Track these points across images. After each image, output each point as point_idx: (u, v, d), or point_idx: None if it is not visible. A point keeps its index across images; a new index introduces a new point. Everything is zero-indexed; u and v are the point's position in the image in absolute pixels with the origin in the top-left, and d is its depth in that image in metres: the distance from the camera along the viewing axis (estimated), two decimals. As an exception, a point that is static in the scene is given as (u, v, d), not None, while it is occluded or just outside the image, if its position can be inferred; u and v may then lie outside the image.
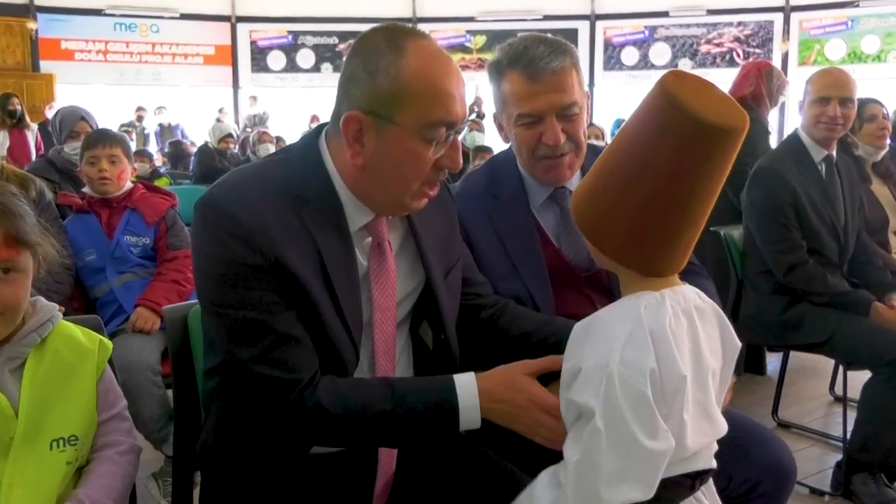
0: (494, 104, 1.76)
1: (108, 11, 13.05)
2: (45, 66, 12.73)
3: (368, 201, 1.32)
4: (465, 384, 1.24)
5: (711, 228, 3.68)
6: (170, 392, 2.31)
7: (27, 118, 7.97)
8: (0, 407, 1.25)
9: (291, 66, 14.27)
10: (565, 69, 1.61)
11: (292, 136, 8.34)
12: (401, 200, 1.30)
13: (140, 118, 11.84)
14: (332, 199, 1.30)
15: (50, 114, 7.66)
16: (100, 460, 1.36)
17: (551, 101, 1.60)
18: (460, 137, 1.33)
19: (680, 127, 1.00)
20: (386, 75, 1.22)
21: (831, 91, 2.73)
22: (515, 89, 1.63)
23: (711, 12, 13.23)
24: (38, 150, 7.77)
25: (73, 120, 3.55)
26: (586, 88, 1.74)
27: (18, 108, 8.02)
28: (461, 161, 1.30)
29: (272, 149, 7.70)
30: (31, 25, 12.55)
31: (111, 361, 1.44)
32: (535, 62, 1.60)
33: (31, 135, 7.75)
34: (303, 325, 1.25)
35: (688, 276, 1.76)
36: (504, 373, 1.28)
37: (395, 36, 1.25)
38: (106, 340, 1.42)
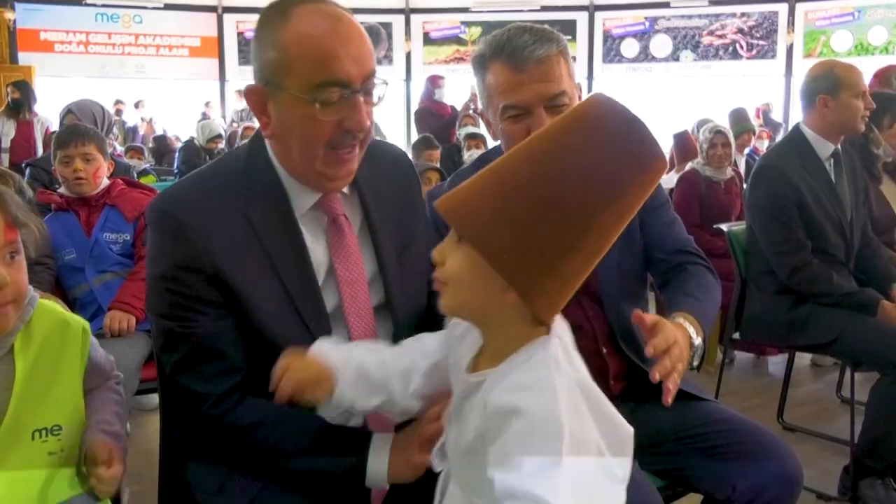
0: (480, 99, 1.73)
1: (89, 1, 12.97)
2: (24, 57, 12.63)
3: (296, 176, 1.36)
4: (377, 462, 1.25)
5: (715, 226, 3.69)
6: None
7: (34, 109, 7.90)
8: None
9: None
10: (552, 57, 1.58)
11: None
12: (313, 167, 1.32)
13: (119, 112, 11.77)
14: (277, 187, 1.36)
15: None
16: (101, 389, 1.44)
17: (538, 92, 1.56)
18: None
19: (647, 162, 0.92)
20: (272, 44, 1.28)
21: (863, 85, 2.77)
22: (500, 80, 1.60)
23: (714, 3, 13.23)
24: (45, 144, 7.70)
25: (64, 113, 3.53)
26: (579, 80, 1.72)
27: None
28: (365, 121, 1.30)
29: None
30: (9, 16, 12.47)
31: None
32: (518, 51, 1.57)
33: (39, 127, 7.68)
34: (248, 335, 1.31)
35: (694, 269, 1.76)
36: (408, 454, 1.24)
37: (282, 5, 1.30)
38: (86, 324, 1.43)
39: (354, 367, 1.17)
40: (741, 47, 13.19)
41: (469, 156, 5.46)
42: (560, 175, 0.89)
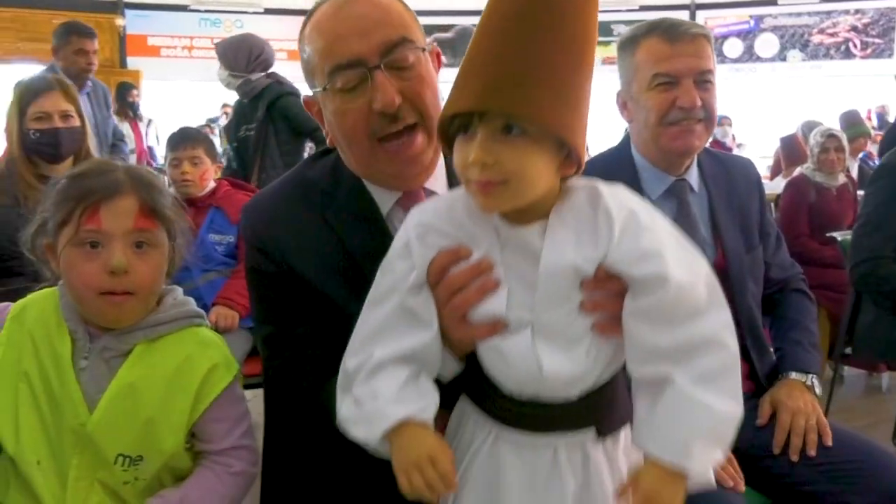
0: (621, 81, 1.79)
1: (193, 7, 13.53)
2: (133, 62, 13.28)
3: (367, 178, 1.32)
4: None
5: (827, 234, 3.55)
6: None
7: (141, 111, 8.32)
8: (69, 392, 1.24)
9: (375, 61, 14.45)
10: (703, 38, 1.68)
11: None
12: (373, 167, 1.27)
13: (226, 115, 12.20)
14: (359, 190, 1.32)
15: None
16: (204, 469, 1.33)
17: (690, 64, 1.66)
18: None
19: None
20: (302, 50, 1.28)
21: None
22: (654, 51, 1.68)
23: (825, 0, 12.72)
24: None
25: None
26: None
27: (137, 100, 8.38)
28: (393, 98, 1.18)
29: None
30: (120, 22, 13.13)
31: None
32: (674, 27, 1.68)
33: (144, 128, 8.07)
34: (331, 331, 1.23)
35: (792, 292, 1.87)
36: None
37: (311, 9, 1.29)
38: (220, 364, 1.34)
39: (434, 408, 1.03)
40: (854, 46, 12.61)
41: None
42: (562, 24, 0.93)
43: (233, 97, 4.17)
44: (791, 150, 5.56)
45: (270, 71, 3.98)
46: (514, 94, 0.91)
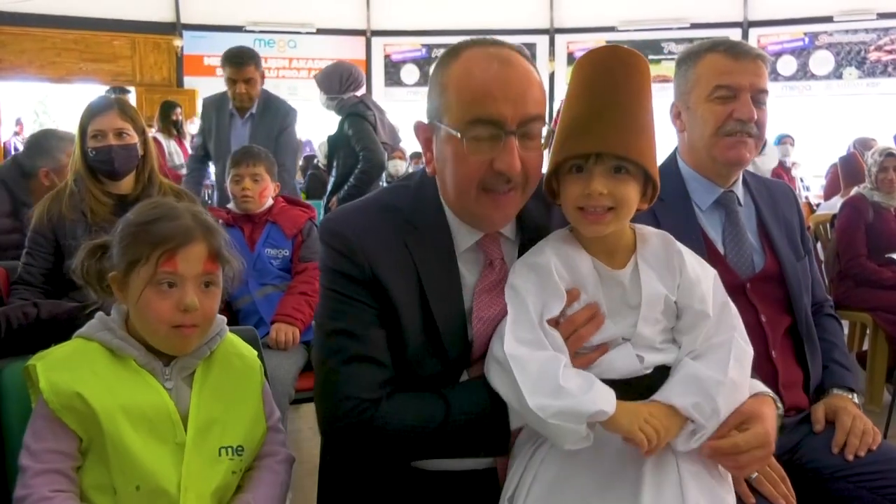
0: (676, 93, 1.86)
1: (248, 28, 13.85)
2: (189, 81, 13.63)
3: (456, 213, 1.42)
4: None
5: (886, 256, 3.49)
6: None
7: (185, 128, 8.56)
8: (168, 412, 1.36)
9: (425, 80, 14.56)
10: (762, 60, 1.76)
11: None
12: (467, 207, 1.37)
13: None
14: (440, 222, 1.42)
15: (192, 128, 8.18)
16: (262, 468, 1.47)
17: (751, 80, 1.75)
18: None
19: None
20: (439, 83, 1.36)
21: None
22: (717, 64, 1.77)
23: (882, 16, 12.46)
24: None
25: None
26: None
27: (180, 118, 8.63)
28: (516, 164, 1.30)
29: (403, 166, 7.97)
30: (178, 43, 13.50)
31: (266, 374, 1.57)
32: (737, 46, 1.78)
33: (190, 144, 8.29)
34: (393, 347, 1.38)
35: (826, 316, 1.92)
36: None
37: (457, 47, 1.37)
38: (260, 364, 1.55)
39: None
40: (913, 63, 12.35)
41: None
42: (640, 84, 1.30)
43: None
44: (851, 170, 5.44)
45: (362, 92, 4.70)
46: (626, 139, 1.26)
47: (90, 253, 1.44)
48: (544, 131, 1.35)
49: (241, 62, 4.33)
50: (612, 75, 1.28)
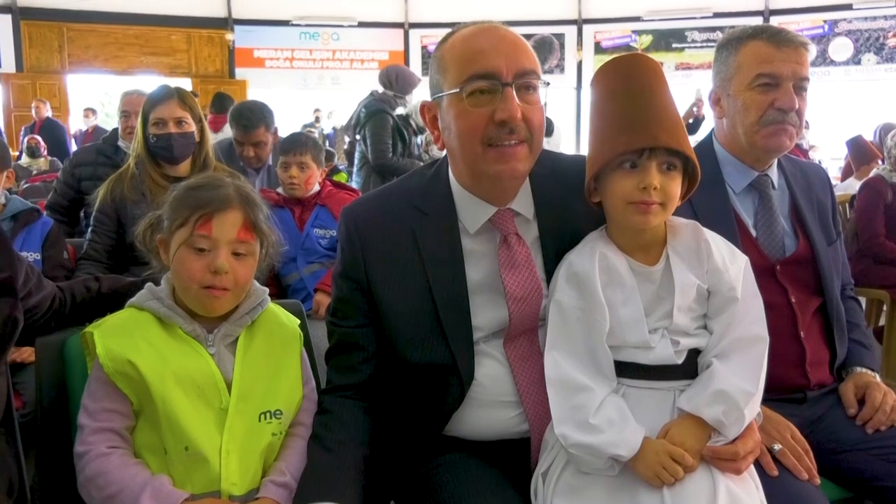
0: (717, 79, 1.78)
1: (294, 22, 13.86)
2: (240, 72, 13.72)
3: (468, 187, 1.39)
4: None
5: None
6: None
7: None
8: (214, 378, 1.35)
9: (459, 70, 14.48)
10: (805, 48, 1.67)
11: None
12: (475, 166, 1.33)
13: (318, 119, 12.50)
14: (449, 206, 1.40)
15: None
16: (293, 436, 1.44)
17: (794, 69, 1.65)
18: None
19: None
20: (436, 61, 1.36)
21: None
22: (759, 52, 1.67)
23: (902, 3, 12.10)
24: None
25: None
26: None
27: None
28: (517, 112, 1.27)
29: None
30: (229, 37, 13.57)
31: (307, 345, 1.56)
32: (780, 34, 1.68)
33: None
34: (388, 348, 1.41)
35: (848, 298, 1.85)
36: None
37: (450, 32, 1.37)
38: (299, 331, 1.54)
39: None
40: (931, 49, 11.97)
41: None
42: (658, 83, 1.31)
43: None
44: (860, 151, 5.31)
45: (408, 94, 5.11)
46: (675, 135, 1.26)
47: (150, 222, 1.46)
48: (543, 94, 1.33)
49: (248, 126, 3.46)
50: (641, 79, 1.28)
